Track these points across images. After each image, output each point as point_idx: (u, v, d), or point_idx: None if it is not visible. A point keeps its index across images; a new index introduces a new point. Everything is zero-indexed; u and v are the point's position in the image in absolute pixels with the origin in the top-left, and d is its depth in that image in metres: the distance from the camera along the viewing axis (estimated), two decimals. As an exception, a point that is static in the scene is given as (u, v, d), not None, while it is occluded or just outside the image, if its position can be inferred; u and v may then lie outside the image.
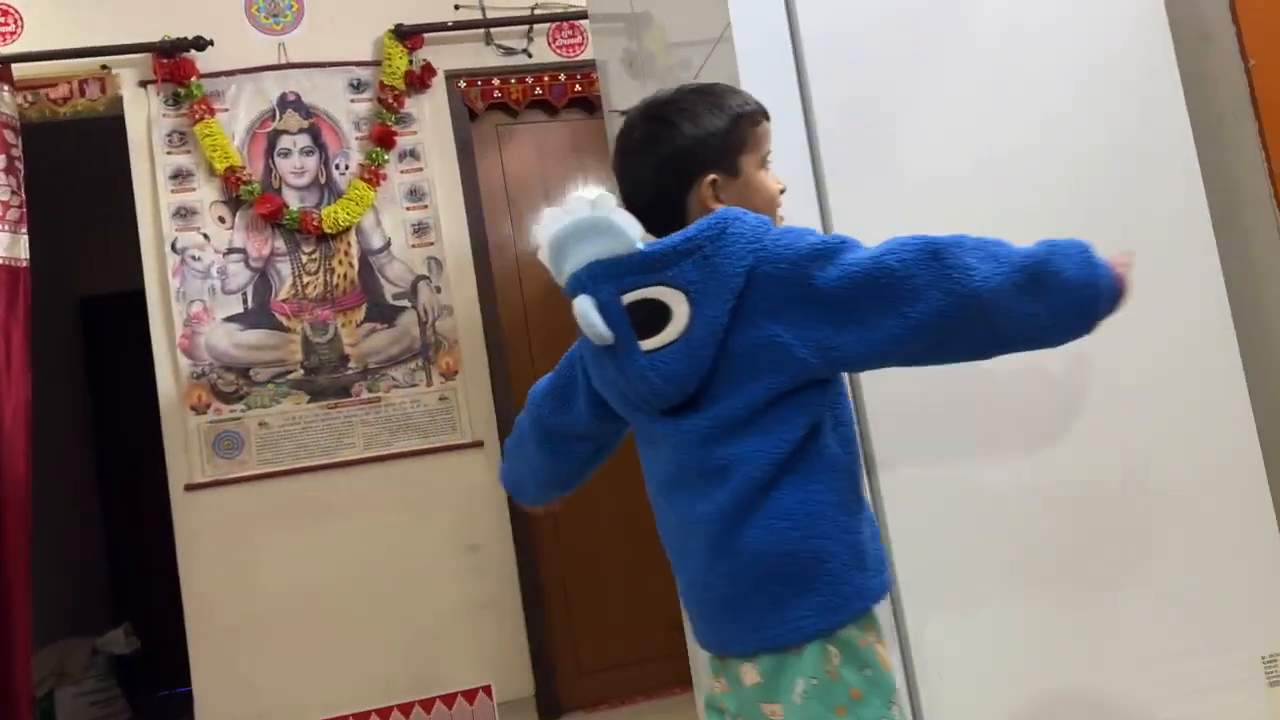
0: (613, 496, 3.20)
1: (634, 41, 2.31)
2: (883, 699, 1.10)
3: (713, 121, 1.20)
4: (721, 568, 1.13)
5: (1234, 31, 1.78)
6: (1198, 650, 1.54)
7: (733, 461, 1.10)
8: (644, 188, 1.22)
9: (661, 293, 1.10)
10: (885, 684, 1.11)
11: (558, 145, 3.37)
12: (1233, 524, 1.59)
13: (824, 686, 1.08)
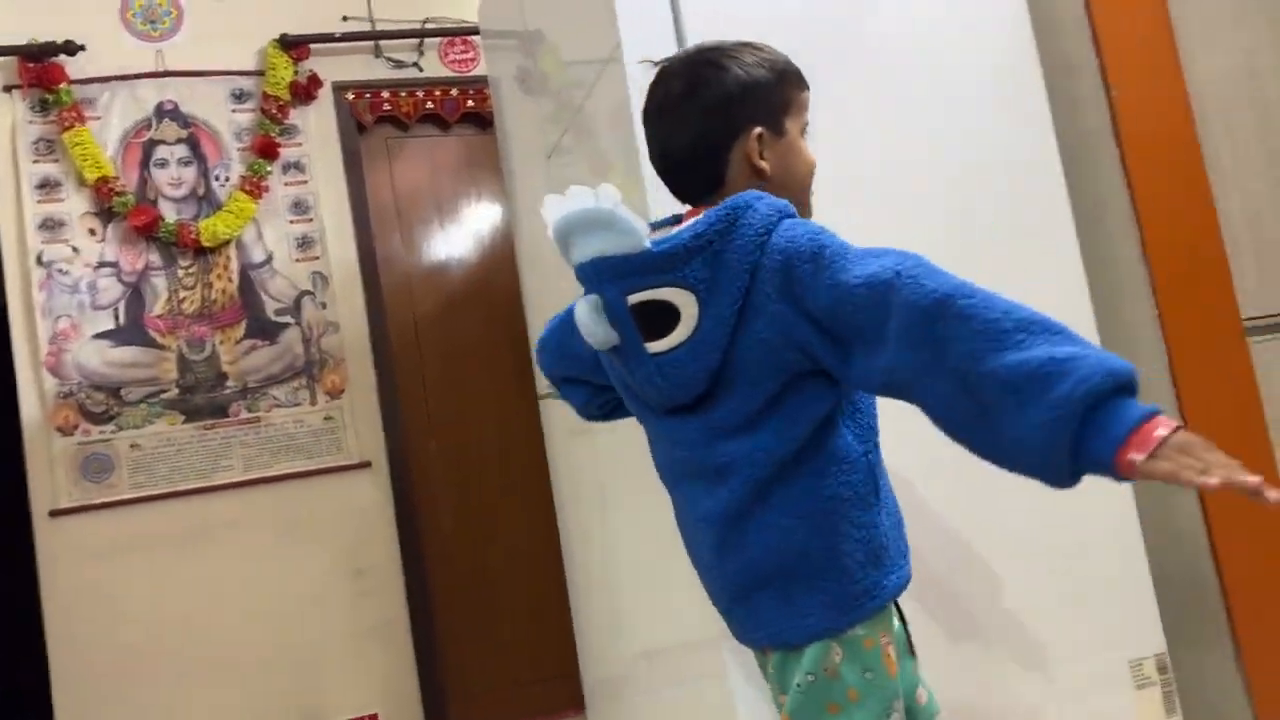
0: (510, 512, 3.16)
1: (529, 59, 2.29)
2: (880, 705, 1.05)
3: (761, 73, 1.14)
4: (730, 564, 1.10)
5: (1097, 63, 1.87)
6: (1069, 656, 1.59)
7: (736, 459, 1.07)
8: (682, 141, 1.14)
9: (670, 294, 1.04)
10: (887, 689, 1.06)
11: (450, 160, 3.33)
12: (1100, 534, 1.66)
13: (820, 683, 1.05)
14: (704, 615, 1.53)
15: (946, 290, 0.92)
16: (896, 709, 1.07)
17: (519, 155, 2.47)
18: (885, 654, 1.07)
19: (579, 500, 2.36)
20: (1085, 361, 0.84)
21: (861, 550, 1.06)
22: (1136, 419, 0.82)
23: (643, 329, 1.06)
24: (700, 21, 1.62)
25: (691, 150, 1.14)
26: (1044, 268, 1.68)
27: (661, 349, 1.06)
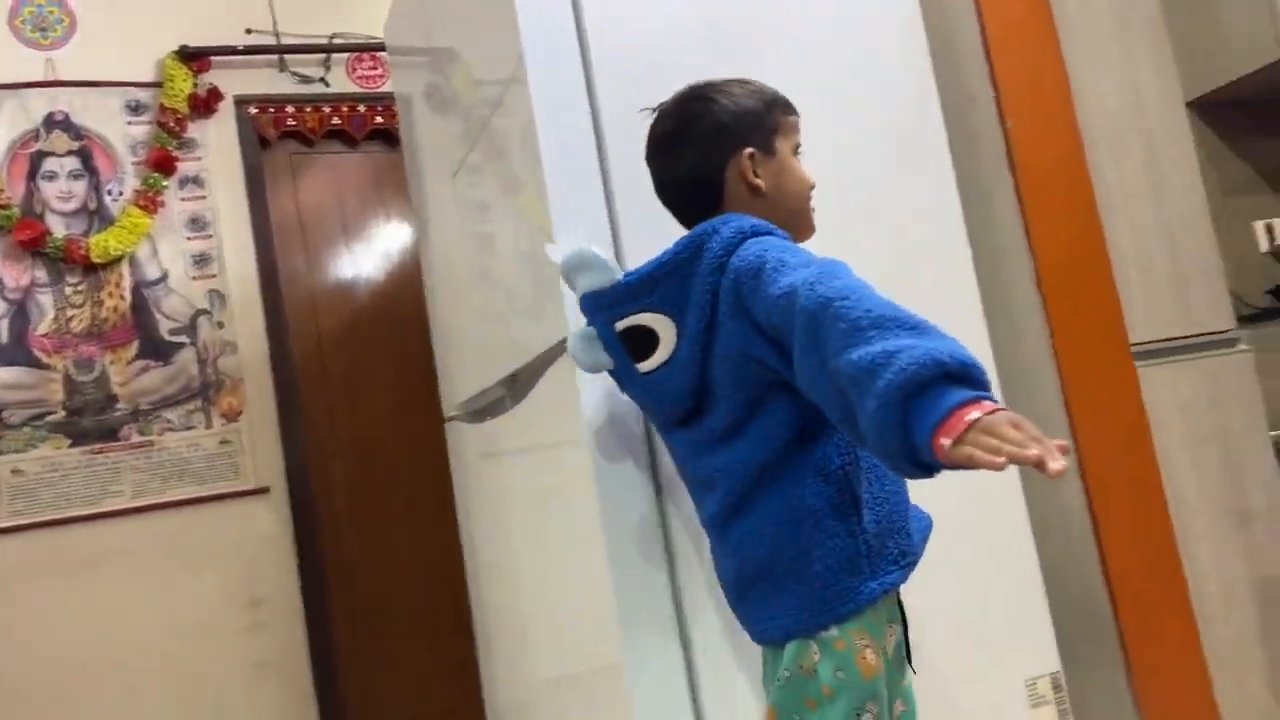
0: (415, 539, 3.09)
1: (439, 76, 2.26)
2: (851, 703, 1.08)
3: (749, 102, 1.24)
4: (724, 566, 1.21)
5: (993, 95, 1.92)
6: (965, 676, 1.61)
7: (718, 471, 1.15)
8: (679, 173, 1.25)
9: (647, 319, 1.16)
10: (859, 689, 1.09)
11: (357, 177, 3.26)
12: (995, 554, 1.68)
13: (796, 680, 1.10)
14: (607, 642, 1.51)
15: (829, 295, 0.96)
16: (870, 710, 1.09)
17: (427, 173, 2.43)
18: (861, 655, 1.09)
19: (485, 527, 2.32)
20: (912, 351, 0.86)
21: (834, 557, 1.10)
22: (952, 404, 0.82)
23: (632, 353, 1.19)
24: (604, 42, 1.61)
25: (689, 180, 1.25)
26: (941, 297, 1.70)
27: (648, 369, 1.18)
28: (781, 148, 1.25)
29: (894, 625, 1.19)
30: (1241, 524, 1.99)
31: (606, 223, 1.59)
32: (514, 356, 1.85)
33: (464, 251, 2.16)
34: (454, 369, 2.37)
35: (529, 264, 1.73)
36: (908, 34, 1.80)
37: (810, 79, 1.72)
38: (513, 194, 1.81)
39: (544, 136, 1.58)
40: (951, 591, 1.63)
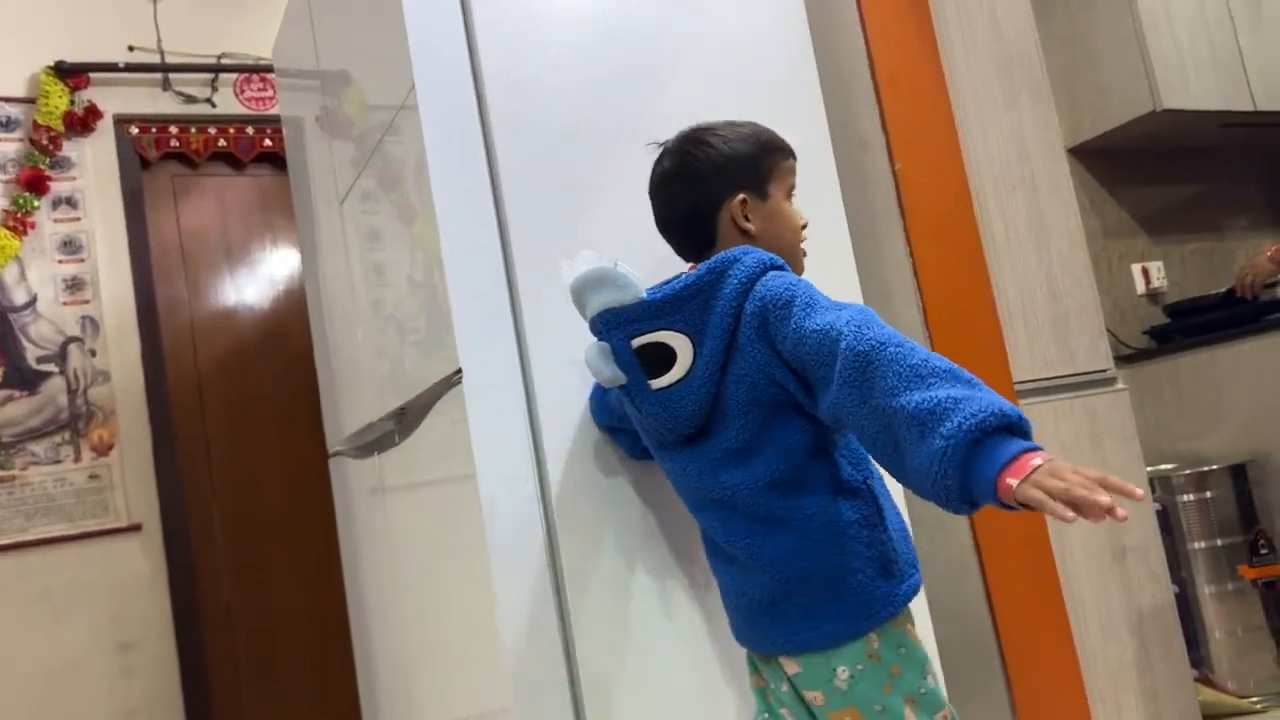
0: (297, 581, 2.96)
1: (332, 99, 2.20)
2: (918, 671, 1.19)
3: (743, 146, 1.30)
4: (755, 580, 1.22)
5: (884, 140, 1.96)
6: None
7: (737, 489, 1.20)
8: (677, 210, 1.33)
9: (666, 336, 1.22)
10: (920, 656, 1.20)
11: (242, 201, 3.15)
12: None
13: (869, 670, 1.17)
14: (496, 686, 1.46)
15: (881, 339, 1.05)
16: (931, 670, 1.21)
17: (317, 199, 2.36)
18: (909, 632, 1.20)
19: (370, 566, 2.23)
20: (977, 400, 0.96)
21: (873, 566, 1.19)
22: (1017, 450, 0.93)
23: (646, 369, 1.24)
24: (497, 69, 1.59)
25: (685, 217, 1.32)
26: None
27: (662, 385, 1.23)
28: (774, 192, 1.31)
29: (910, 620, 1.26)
30: (1118, 558, 2.05)
31: (499, 251, 1.55)
32: (404, 390, 1.79)
33: (354, 281, 2.09)
34: (340, 402, 2.29)
35: (424, 294, 1.69)
36: (801, 74, 1.82)
37: (705, 114, 1.72)
38: (408, 222, 1.76)
39: (434, 164, 1.55)
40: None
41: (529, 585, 1.46)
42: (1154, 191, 3.37)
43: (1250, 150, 3.53)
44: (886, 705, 1.17)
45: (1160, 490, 2.54)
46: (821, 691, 1.19)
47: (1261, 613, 2.50)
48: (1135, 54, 2.97)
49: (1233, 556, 2.51)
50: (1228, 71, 3.10)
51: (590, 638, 1.47)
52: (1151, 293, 3.27)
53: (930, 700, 1.19)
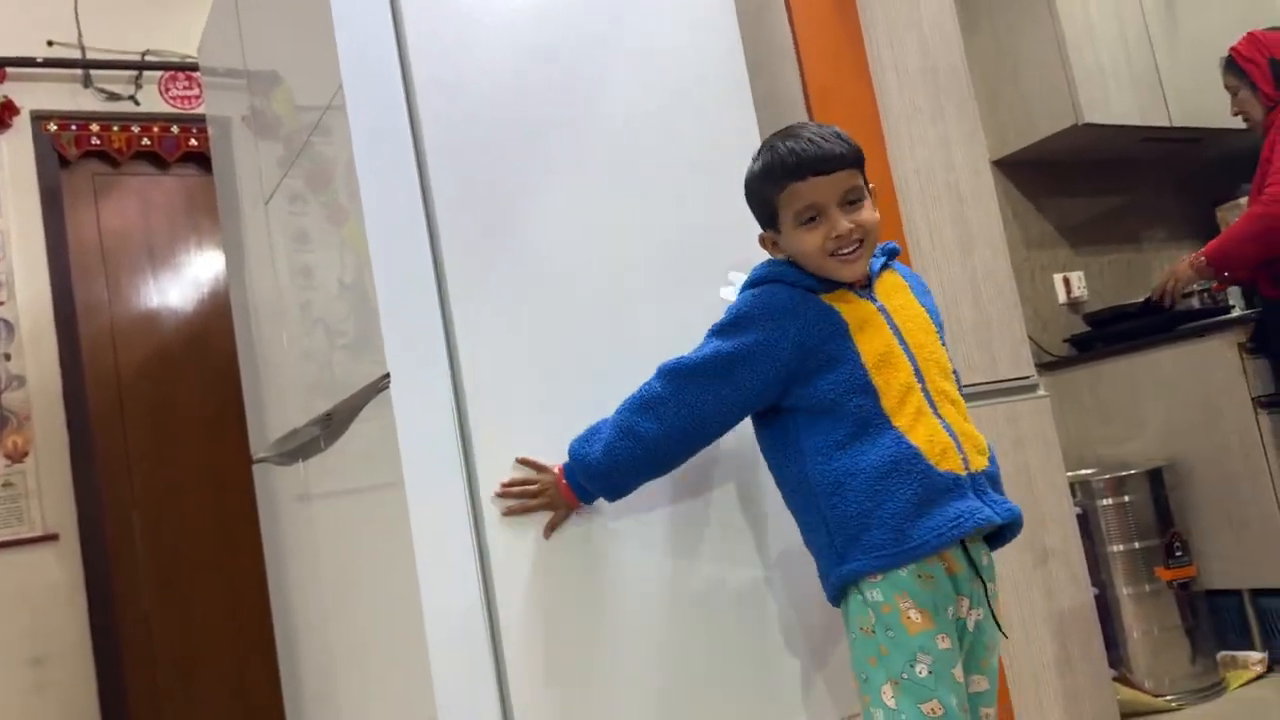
0: (221, 593, 2.89)
1: (259, 98, 2.15)
2: (904, 658, 1.29)
3: (754, 184, 1.46)
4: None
5: (815, 146, 1.98)
6: (787, 716, 1.62)
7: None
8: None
9: None
10: (907, 645, 1.29)
11: (167, 202, 3.07)
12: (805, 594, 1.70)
13: (860, 640, 1.34)
14: (423, 697, 1.44)
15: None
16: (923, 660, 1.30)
17: (243, 200, 2.31)
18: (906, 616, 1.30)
19: (296, 575, 2.19)
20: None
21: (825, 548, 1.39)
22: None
23: None
24: (427, 71, 1.57)
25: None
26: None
27: None
28: (784, 220, 1.41)
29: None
30: (1040, 560, 2.10)
31: (429, 254, 1.54)
32: (331, 394, 1.76)
33: (280, 283, 2.05)
34: (265, 408, 2.24)
35: (353, 297, 1.66)
36: (735, 87, 1.84)
37: (637, 112, 1.73)
38: (337, 224, 1.73)
39: (362, 166, 1.53)
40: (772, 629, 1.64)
41: (458, 594, 1.44)
42: (1075, 203, 3.46)
43: (1167, 164, 3.65)
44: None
45: (1081, 494, 2.61)
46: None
47: (1177, 613, 2.57)
48: (1058, 70, 3.05)
49: (1149, 559, 2.58)
50: (1146, 88, 3.21)
51: (520, 647, 1.46)
52: (1072, 302, 3.36)
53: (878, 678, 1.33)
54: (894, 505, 1.29)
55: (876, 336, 1.37)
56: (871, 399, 1.33)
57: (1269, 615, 2.69)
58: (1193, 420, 2.77)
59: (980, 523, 1.31)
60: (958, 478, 1.32)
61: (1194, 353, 2.76)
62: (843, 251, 1.36)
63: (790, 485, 1.43)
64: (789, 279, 1.40)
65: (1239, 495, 2.68)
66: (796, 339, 1.36)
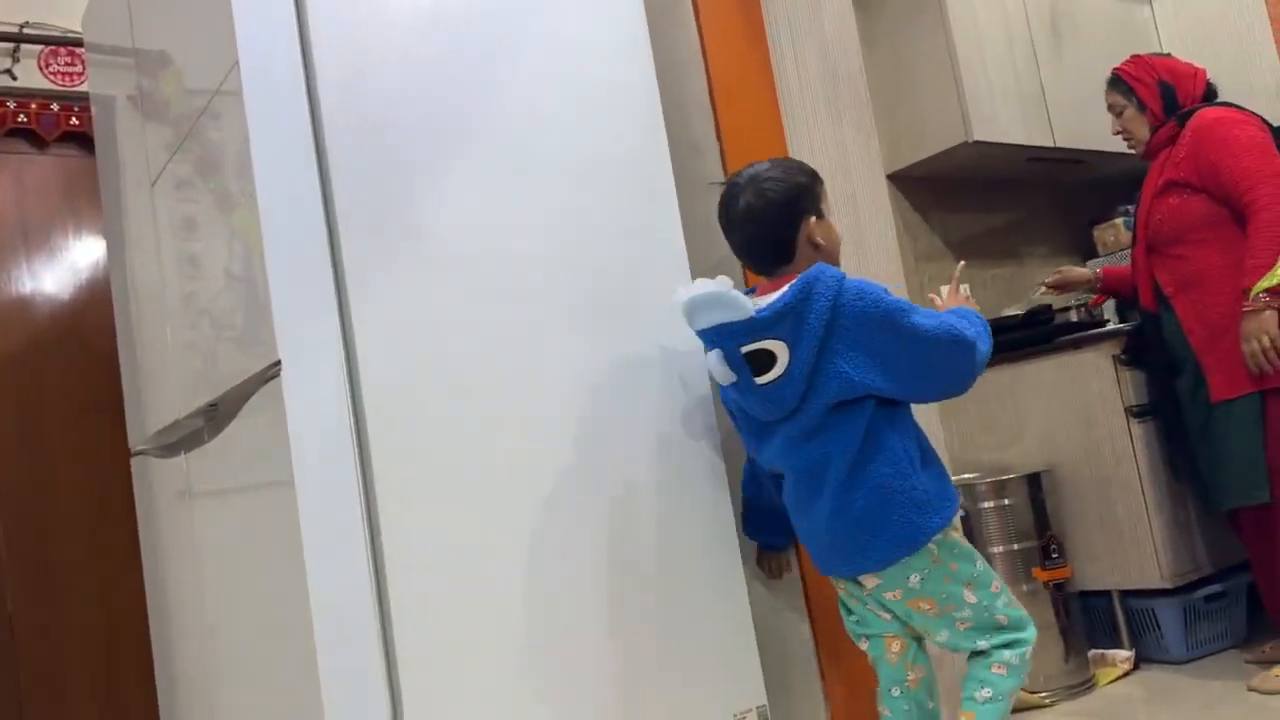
0: (87, 583, 2.75)
1: (148, 79, 2.07)
2: (971, 561, 1.60)
3: (803, 178, 1.65)
4: (833, 525, 1.58)
5: (718, 148, 2.01)
6: (675, 709, 1.63)
7: (818, 457, 1.57)
8: (762, 236, 1.64)
9: (769, 344, 1.54)
10: (968, 552, 1.60)
11: (44, 182, 2.91)
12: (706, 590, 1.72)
13: (933, 571, 1.56)
14: (309, 706, 1.40)
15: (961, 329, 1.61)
16: (979, 558, 1.62)
17: (127, 184, 2.22)
18: (958, 538, 1.60)
19: (176, 575, 2.10)
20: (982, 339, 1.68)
21: (907, 506, 1.55)
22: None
23: (753, 369, 1.56)
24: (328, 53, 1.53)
25: (770, 241, 1.64)
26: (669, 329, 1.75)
27: (765, 381, 1.56)
28: (826, 211, 1.66)
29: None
30: (926, 560, 2.16)
31: (325, 242, 1.50)
32: (216, 384, 1.70)
33: (164, 271, 1.97)
34: (146, 398, 2.15)
35: (241, 289, 1.61)
36: (641, 81, 1.85)
37: (543, 104, 1.73)
38: (226, 213, 1.67)
39: (258, 154, 1.48)
40: (664, 625, 1.65)
41: (348, 597, 1.41)
42: (962, 219, 3.59)
43: (1050, 184, 3.82)
44: (950, 592, 1.57)
45: (965, 498, 2.70)
46: (900, 590, 1.58)
47: (1052, 612, 2.68)
48: (950, 88, 3.16)
49: (1028, 560, 2.68)
50: (1032, 108, 3.35)
51: (413, 652, 1.43)
52: (960, 313, 3.47)
53: (985, 577, 1.60)
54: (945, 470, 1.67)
55: None
56: None
57: (1136, 615, 2.82)
58: (1070, 428, 2.89)
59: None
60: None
61: (1071, 363, 2.89)
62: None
63: (879, 462, 1.59)
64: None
65: (1110, 500, 2.80)
66: None
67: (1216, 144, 2.48)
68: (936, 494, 1.58)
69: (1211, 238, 2.52)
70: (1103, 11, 3.69)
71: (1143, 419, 2.78)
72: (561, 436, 1.61)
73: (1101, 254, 3.75)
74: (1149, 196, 2.65)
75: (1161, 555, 2.71)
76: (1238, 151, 2.45)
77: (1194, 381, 2.57)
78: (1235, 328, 2.44)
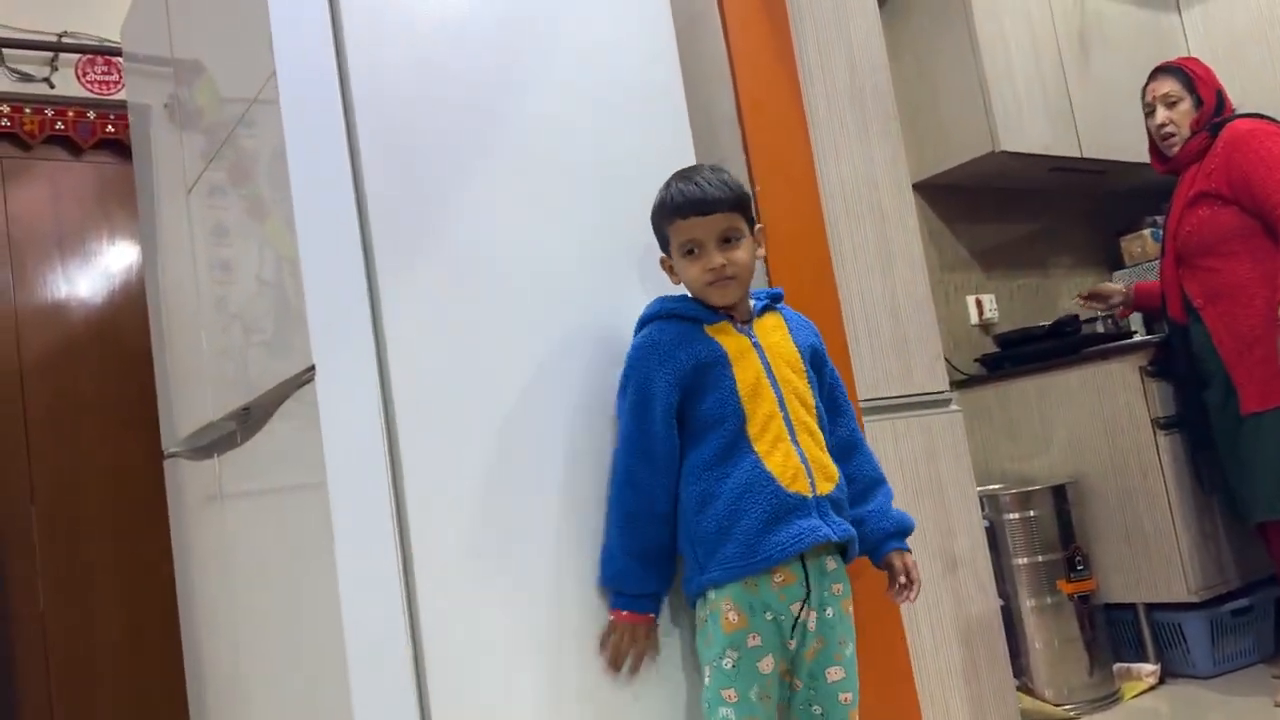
0: (124, 595, 2.79)
1: (183, 88, 2.10)
2: (717, 650, 1.49)
3: (654, 212, 1.62)
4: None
5: (745, 160, 2.02)
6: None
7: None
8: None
9: None
10: (721, 640, 1.49)
11: (79, 189, 2.96)
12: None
13: (698, 630, 1.55)
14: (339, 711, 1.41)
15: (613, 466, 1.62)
16: (730, 655, 1.50)
17: (162, 191, 2.25)
18: (723, 617, 1.49)
19: (206, 578, 2.13)
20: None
21: (690, 562, 1.58)
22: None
23: None
24: (364, 67, 1.56)
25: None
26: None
27: None
28: (673, 250, 1.59)
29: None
30: (949, 569, 2.16)
31: (360, 252, 1.52)
32: (249, 388, 1.73)
33: (198, 276, 2.00)
34: (179, 401, 2.18)
35: (272, 294, 1.63)
36: (668, 94, 1.87)
37: (573, 109, 1.74)
38: (259, 220, 1.70)
39: (294, 161, 1.50)
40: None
41: (379, 602, 1.41)
42: (988, 229, 3.58)
43: (1076, 194, 3.81)
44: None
45: (989, 508, 2.69)
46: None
47: (1076, 625, 2.67)
48: (977, 99, 3.16)
49: (1052, 572, 2.67)
50: (1059, 119, 3.34)
51: (442, 656, 1.44)
52: (984, 323, 3.47)
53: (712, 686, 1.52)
54: (747, 522, 1.47)
55: (750, 368, 1.54)
56: (740, 423, 1.51)
57: (1162, 629, 2.81)
58: (1095, 439, 2.88)
59: (819, 539, 1.49)
60: (804, 499, 1.49)
61: (1098, 375, 2.88)
62: (717, 282, 1.55)
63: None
64: (679, 312, 1.58)
65: (1136, 512, 2.79)
66: (681, 370, 1.54)
67: (1249, 156, 2.48)
68: (722, 552, 1.50)
69: (1242, 249, 2.51)
70: (1130, 21, 3.67)
71: (1170, 431, 2.77)
72: (592, 441, 1.62)
73: (1128, 265, 3.73)
74: (1179, 207, 2.64)
75: (1188, 568, 2.70)
76: (1271, 164, 2.44)
77: (1224, 394, 2.56)
78: (1266, 340, 2.43)
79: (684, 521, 1.54)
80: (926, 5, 3.28)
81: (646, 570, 1.54)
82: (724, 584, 1.49)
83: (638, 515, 1.54)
